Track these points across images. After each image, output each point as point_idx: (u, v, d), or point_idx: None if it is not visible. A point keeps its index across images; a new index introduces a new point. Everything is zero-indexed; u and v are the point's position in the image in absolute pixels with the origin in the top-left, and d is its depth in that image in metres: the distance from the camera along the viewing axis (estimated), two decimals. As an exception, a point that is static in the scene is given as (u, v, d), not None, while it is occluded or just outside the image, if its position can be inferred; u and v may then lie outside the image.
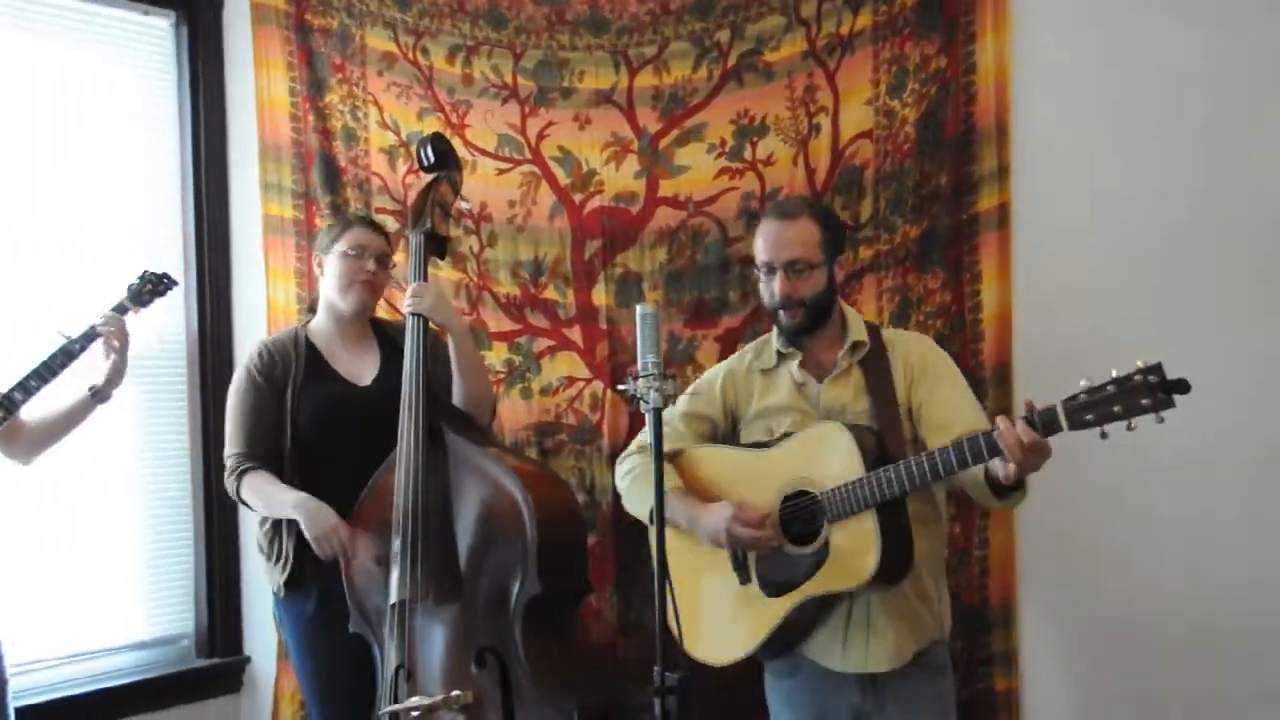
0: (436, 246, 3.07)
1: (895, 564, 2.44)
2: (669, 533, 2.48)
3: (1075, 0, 3.01)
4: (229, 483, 3.00)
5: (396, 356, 3.00)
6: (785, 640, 2.61)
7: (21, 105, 3.40)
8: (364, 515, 2.95)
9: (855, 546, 2.43)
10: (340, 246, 3.04)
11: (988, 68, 3.06)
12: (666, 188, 3.41)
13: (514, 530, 2.78)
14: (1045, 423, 2.18)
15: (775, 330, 2.72)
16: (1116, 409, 2.12)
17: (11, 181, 3.38)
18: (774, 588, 2.57)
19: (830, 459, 2.47)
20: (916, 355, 2.63)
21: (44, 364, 2.90)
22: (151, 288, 3.12)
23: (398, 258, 3.32)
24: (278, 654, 3.54)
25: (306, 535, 2.86)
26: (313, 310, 3.20)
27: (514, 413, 3.47)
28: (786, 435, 2.62)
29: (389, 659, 2.87)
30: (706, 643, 2.65)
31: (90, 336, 2.96)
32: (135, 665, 3.59)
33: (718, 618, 2.63)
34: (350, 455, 2.96)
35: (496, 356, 3.48)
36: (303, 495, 2.90)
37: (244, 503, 3.00)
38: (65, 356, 2.92)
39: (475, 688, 2.77)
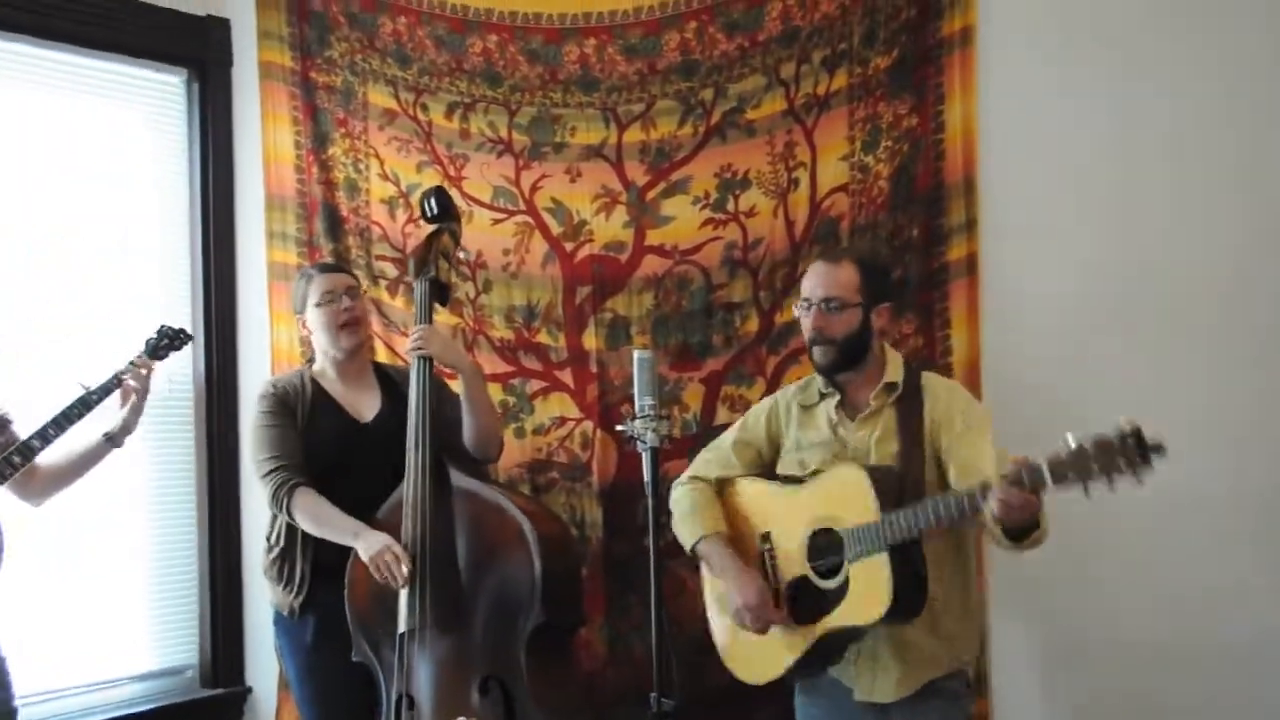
0: (439, 293, 3.19)
1: (908, 602, 2.55)
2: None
3: (1038, 63, 3.17)
4: (277, 497, 3.02)
5: (398, 396, 3.13)
6: (818, 663, 2.73)
7: (38, 156, 3.55)
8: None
9: (871, 585, 2.54)
10: (312, 299, 3.17)
11: (956, 127, 3.24)
12: (653, 237, 3.58)
13: (520, 562, 2.91)
14: (1032, 482, 2.28)
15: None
16: (1097, 468, 2.18)
17: (29, 230, 3.52)
18: (802, 616, 2.69)
19: (851, 499, 2.58)
20: (945, 402, 2.70)
21: (62, 413, 2.95)
22: (168, 342, 3.20)
23: (398, 303, 3.47)
24: (279, 684, 3.64)
25: (363, 556, 2.92)
26: (311, 361, 3.33)
27: (508, 451, 3.56)
28: (816, 472, 2.73)
29: (393, 687, 2.97)
30: (744, 662, 2.78)
31: (109, 388, 3.02)
32: (142, 696, 3.69)
33: (753, 638, 2.73)
34: (353, 489, 3.05)
35: (492, 397, 3.62)
36: (356, 521, 2.98)
37: (293, 520, 3.04)
38: (83, 407, 2.98)
39: (478, 715, 2.87)
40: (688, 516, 2.85)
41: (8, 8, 3.42)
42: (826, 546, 2.65)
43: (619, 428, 2.38)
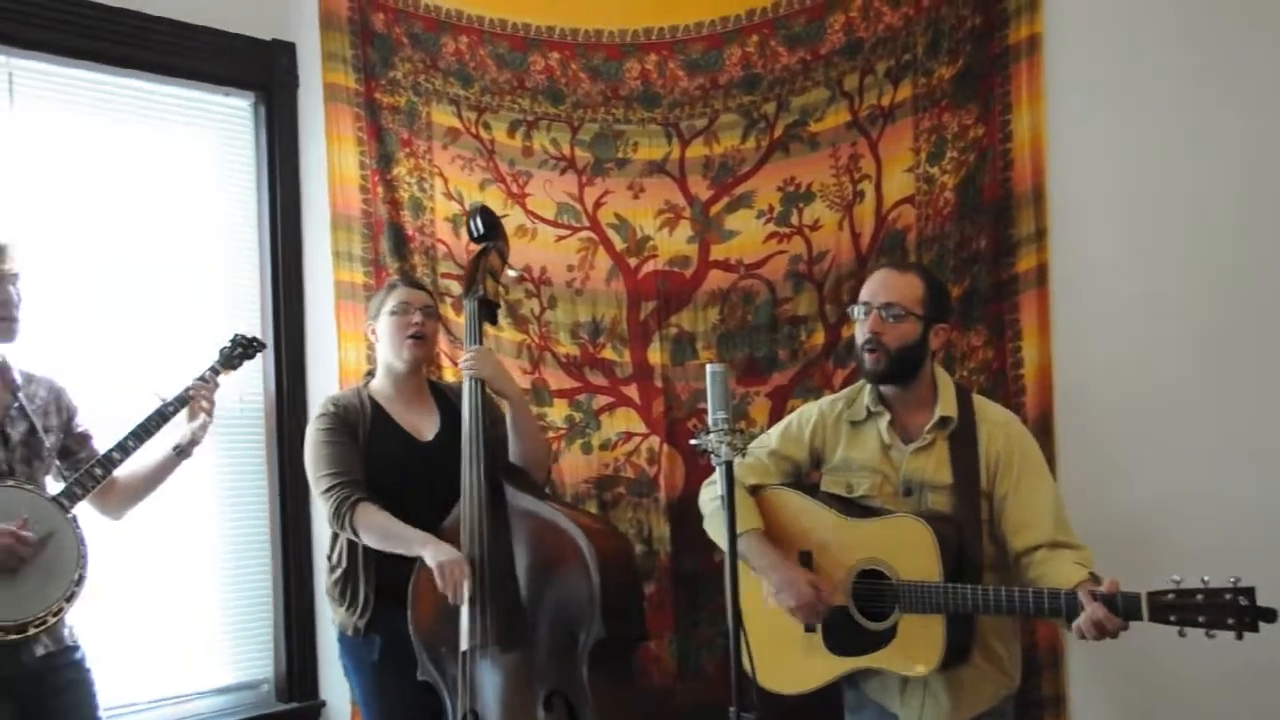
0: (488, 312, 3.22)
1: (957, 658, 2.56)
2: (743, 565, 2.65)
3: (1107, 70, 3.12)
4: (339, 513, 3.03)
5: (454, 414, 3.15)
6: (844, 685, 2.76)
7: (114, 180, 3.63)
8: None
9: (921, 640, 2.54)
10: (387, 308, 3.20)
11: (1024, 136, 3.20)
12: (718, 252, 3.58)
13: (578, 578, 2.91)
14: (1127, 610, 2.28)
15: (867, 385, 2.79)
16: (1201, 619, 2.20)
17: (106, 252, 3.59)
18: (839, 647, 2.69)
19: (911, 554, 2.56)
20: (1003, 444, 2.65)
21: (140, 425, 2.99)
22: (242, 351, 3.25)
23: (463, 320, 3.49)
24: (351, 698, 3.68)
25: (430, 562, 2.92)
26: (371, 374, 3.35)
27: (574, 467, 3.63)
28: (865, 499, 2.72)
29: (458, 705, 2.99)
30: (774, 673, 2.77)
31: (183, 399, 3.06)
32: (219, 709, 3.75)
33: (785, 651, 2.74)
34: (414, 507, 3.07)
35: (558, 413, 3.65)
36: (424, 532, 2.99)
37: (356, 535, 3.04)
38: (160, 418, 3.02)
39: (543, 730, 2.90)
40: (721, 513, 2.84)
41: (87, 39, 3.50)
42: (874, 587, 2.64)
43: (693, 441, 2.37)
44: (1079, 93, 3.16)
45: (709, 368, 2.35)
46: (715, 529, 2.90)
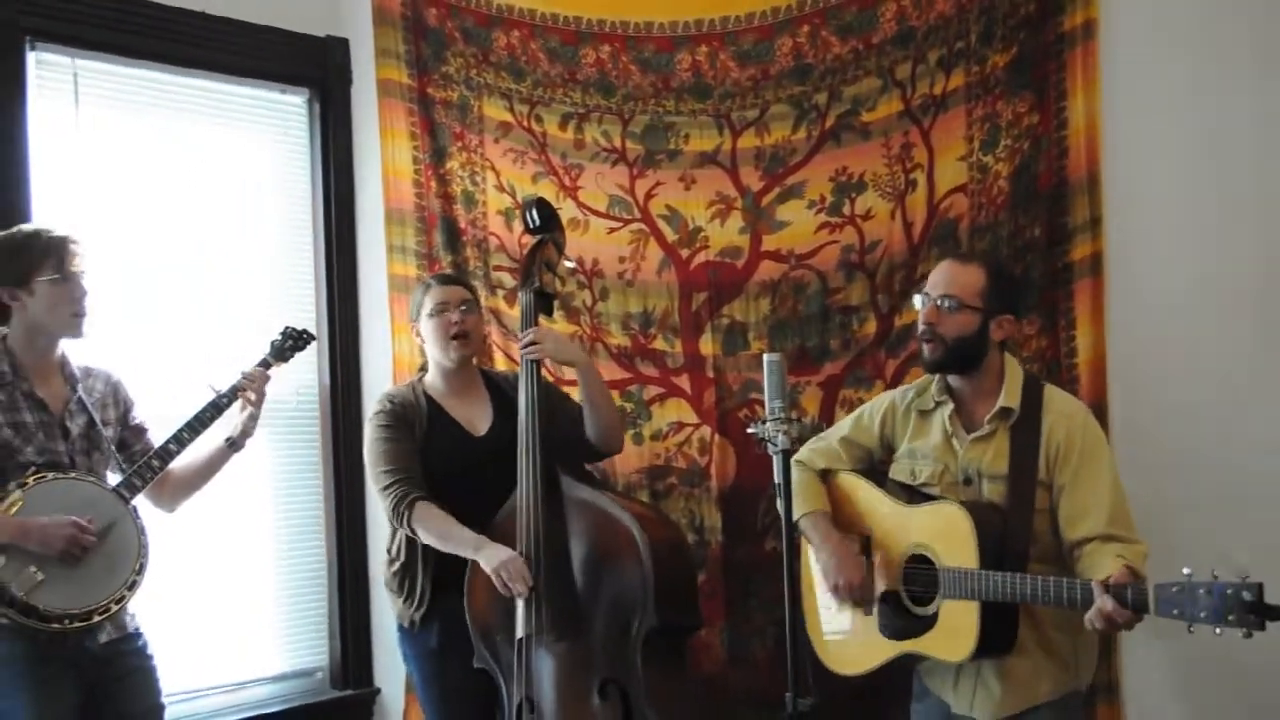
0: (544, 303, 3.23)
1: (994, 646, 2.55)
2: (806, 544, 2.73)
3: (1165, 56, 3.10)
4: (398, 511, 3.07)
5: (508, 405, 3.17)
6: (899, 667, 2.76)
7: (171, 177, 3.69)
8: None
9: (958, 627, 2.55)
10: (426, 309, 3.22)
11: (1079, 123, 3.18)
12: (769, 242, 3.59)
13: (632, 567, 2.93)
14: (1135, 603, 2.27)
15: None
16: (1203, 614, 2.16)
17: (162, 249, 3.65)
18: (889, 631, 2.71)
19: (952, 540, 2.58)
20: (1064, 435, 2.63)
21: (195, 417, 3.03)
22: (293, 343, 3.27)
23: (516, 312, 3.52)
24: (405, 686, 3.71)
25: (486, 568, 2.96)
26: (424, 369, 3.38)
27: (626, 457, 3.62)
28: (926, 486, 2.75)
29: (513, 693, 3.03)
30: (831, 652, 2.81)
31: (240, 389, 3.10)
32: (275, 696, 3.80)
33: (841, 629, 2.78)
34: (471, 500, 3.10)
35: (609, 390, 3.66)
36: (477, 535, 3.02)
37: (414, 534, 3.09)
38: (215, 410, 3.06)
39: (598, 717, 2.91)
40: (800, 491, 2.85)
41: (148, 38, 3.56)
42: (922, 573, 2.66)
43: (750, 430, 2.39)
44: (1136, 78, 3.13)
45: (766, 357, 2.38)
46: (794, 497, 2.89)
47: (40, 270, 2.81)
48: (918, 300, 2.75)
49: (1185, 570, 2.19)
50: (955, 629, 2.56)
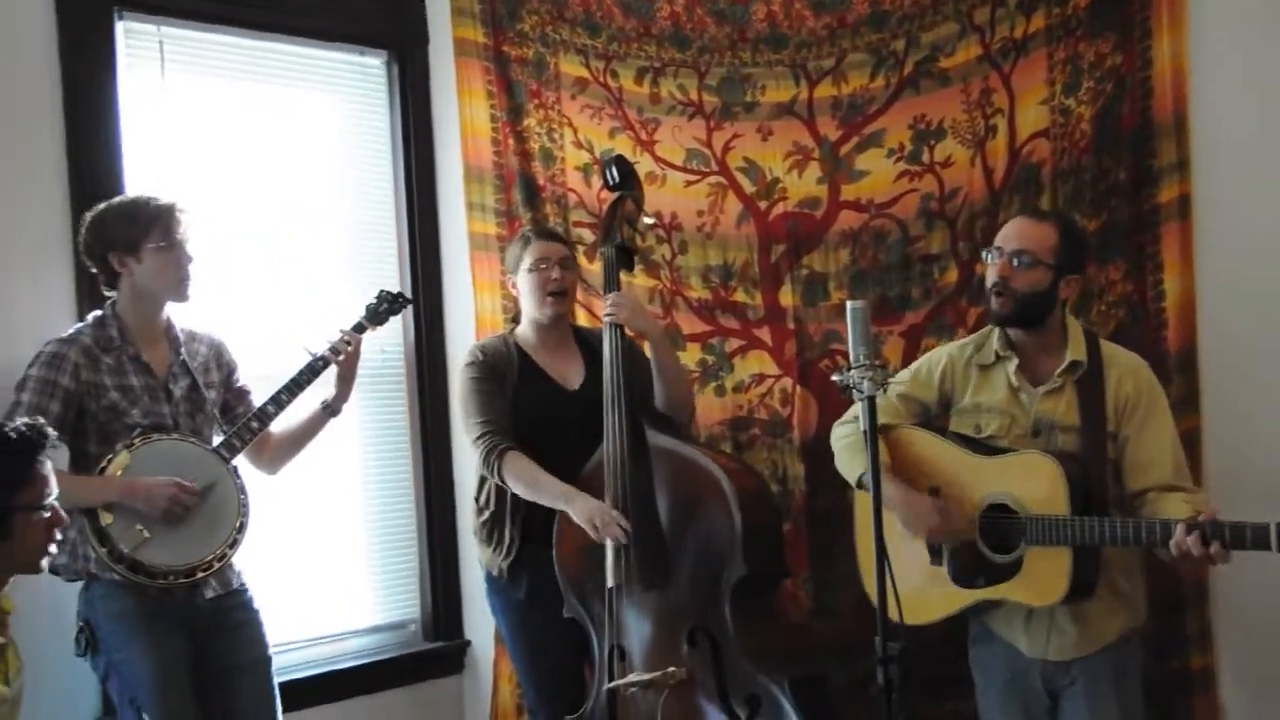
0: (625, 259, 3.26)
1: (1082, 590, 2.61)
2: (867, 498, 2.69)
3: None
4: (489, 461, 3.12)
5: (598, 362, 3.19)
6: (969, 616, 2.82)
7: (255, 141, 3.75)
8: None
9: (1048, 572, 2.61)
10: (525, 264, 3.26)
11: (1164, 62, 3.14)
12: (848, 192, 3.58)
13: (720, 517, 2.97)
14: (1256, 540, 2.37)
15: (996, 330, 2.84)
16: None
17: (246, 213, 3.72)
18: (963, 579, 2.75)
19: (1038, 487, 2.63)
20: (1132, 387, 2.71)
21: (292, 380, 3.09)
22: (388, 306, 3.32)
23: (595, 268, 3.55)
24: (495, 638, 3.78)
25: (578, 519, 3.02)
26: (516, 321, 3.43)
27: (709, 409, 3.66)
28: (993, 439, 2.78)
29: (603, 642, 3.08)
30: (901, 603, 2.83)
31: (336, 351, 3.16)
32: (369, 648, 3.89)
33: (910, 581, 2.76)
34: (562, 453, 3.15)
35: (691, 357, 3.69)
36: (567, 485, 3.08)
37: (503, 482, 3.14)
38: (311, 373, 3.12)
39: (688, 665, 2.96)
40: (853, 450, 2.90)
41: (227, 4, 3.59)
42: (1000, 521, 2.69)
43: (834, 378, 2.40)
44: (1222, 16, 3.08)
45: (849, 305, 2.39)
46: (846, 466, 2.98)
47: (148, 237, 2.89)
48: (989, 255, 2.78)
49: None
50: (1043, 574, 2.61)
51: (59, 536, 2.33)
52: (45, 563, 2.34)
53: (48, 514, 2.28)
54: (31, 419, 2.30)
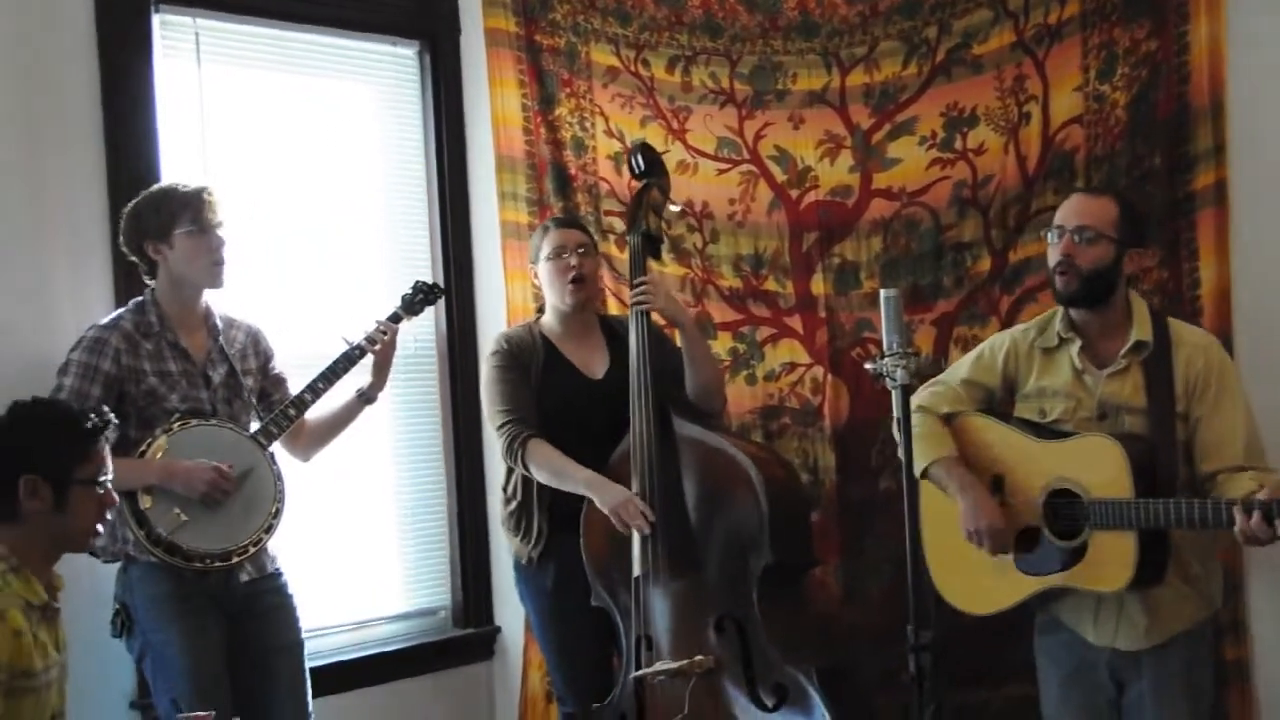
0: (652, 247, 3.26)
1: (1150, 577, 2.56)
2: (936, 490, 2.76)
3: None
4: (512, 449, 3.15)
5: (624, 350, 3.20)
6: (1034, 605, 2.78)
7: (288, 133, 3.76)
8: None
9: (1113, 557, 2.55)
10: (545, 252, 3.27)
11: (1201, 47, 3.12)
12: (880, 180, 3.57)
13: (747, 505, 2.97)
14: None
15: (1059, 312, 2.80)
16: None
17: (280, 203, 3.74)
18: (1030, 567, 2.72)
19: (1102, 471, 2.58)
20: (1202, 366, 2.65)
21: (330, 368, 3.10)
22: (423, 297, 3.35)
23: (626, 256, 3.56)
24: (525, 624, 3.79)
25: (602, 508, 3.03)
26: (541, 311, 3.44)
27: (739, 398, 3.66)
28: (1058, 424, 2.74)
29: (631, 630, 3.08)
30: (962, 593, 2.83)
31: (373, 341, 3.17)
32: (400, 634, 3.90)
33: (973, 571, 2.78)
34: (587, 442, 3.16)
35: (721, 346, 3.69)
36: (591, 472, 3.09)
37: (527, 471, 3.16)
38: (347, 361, 3.13)
39: (715, 653, 2.97)
40: (919, 440, 2.82)
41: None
42: (1064, 507, 2.65)
43: (867, 366, 2.40)
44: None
45: (882, 293, 2.39)
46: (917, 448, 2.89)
47: (178, 223, 2.92)
48: (1050, 235, 2.73)
49: None
50: (1108, 560, 2.57)
51: (109, 517, 2.38)
52: (95, 542, 2.38)
53: (102, 491, 2.33)
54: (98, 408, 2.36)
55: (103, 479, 2.34)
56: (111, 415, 2.40)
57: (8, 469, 2.24)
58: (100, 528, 2.38)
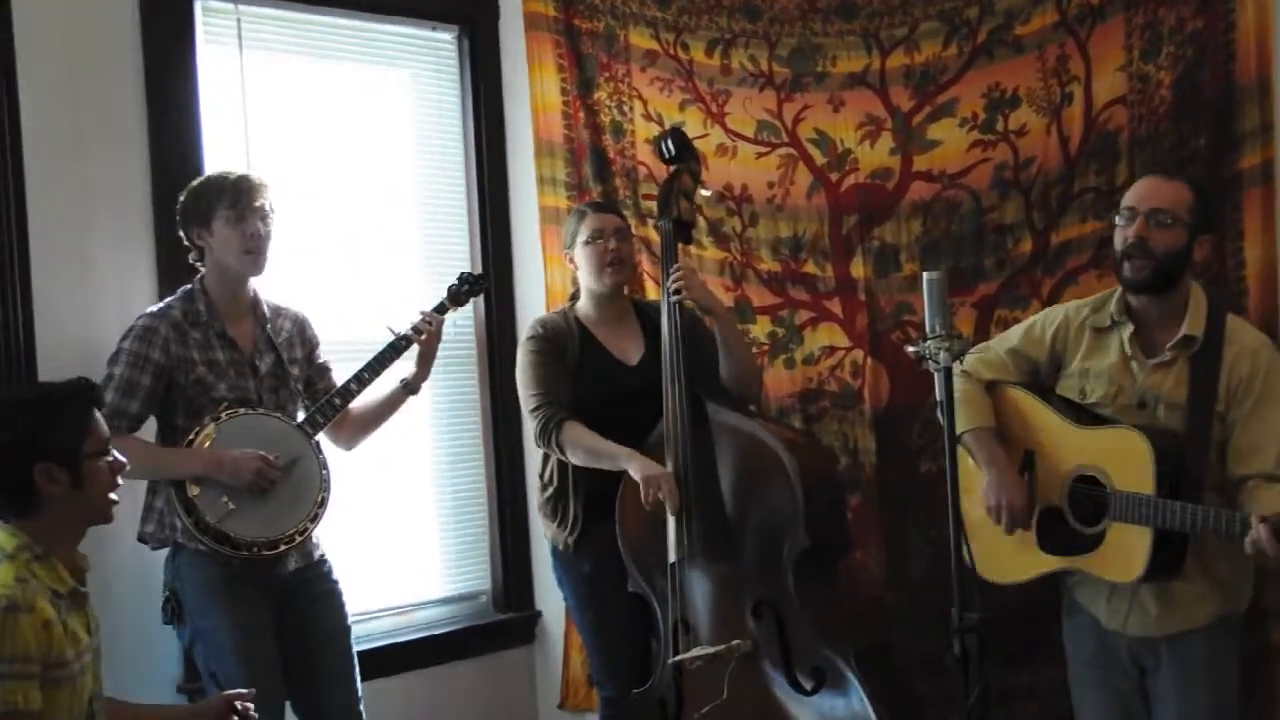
0: (683, 232, 3.26)
1: (1163, 572, 2.56)
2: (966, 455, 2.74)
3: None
4: (546, 431, 3.15)
5: (659, 336, 3.19)
6: (1052, 582, 2.79)
7: (333, 119, 3.79)
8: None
9: (1128, 549, 2.56)
10: (581, 237, 3.27)
11: (1249, 25, 3.07)
12: (920, 162, 3.55)
13: (780, 490, 2.97)
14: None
15: (1117, 292, 2.77)
16: None
17: (324, 187, 3.76)
18: (1049, 545, 2.72)
19: (1128, 464, 2.57)
20: (1248, 369, 2.61)
21: (375, 358, 3.13)
22: (469, 288, 3.38)
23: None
24: (565, 609, 3.80)
25: (635, 476, 3.02)
26: (575, 297, 3.44)
27: (778, 382, 3.66)
28: (1096, 406, 2.73)
29: (668, 614, 3.09)
30: (984, 562, 2.78)
31: (419, 331, 3.20)
32: (441, 619, 3.94)
33: (999, 542, 2.78)
34: (621, 428, 3.15)
35: (760, 329, 3.68)
36: (627, 447, 3.08)
37: (562, 453, 3.16)
38: (394, 351, 3.15)
39: (753, 637, 2.97)
40: (960, 405, 2.79)
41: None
42: (1088, 493, 2.65)
43: (910, 349, 2.39)
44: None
45: (925, 275, 2.38)
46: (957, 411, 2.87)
47: (217, 210, 2.95)
48: (1120, 217, 2.69)
49: None
50: (1123, 551, 2.57)
51: (120, 483, 2.39)
52: (113, 511, 2.40)
53: (110, 459, 2.35)
54: (76, 379, 2.37)
55: (108, 447, 2.35)
56: (94, 381, 2.41)
57: (21, 464, 2.24)
58: (114, 495, 2.37)
